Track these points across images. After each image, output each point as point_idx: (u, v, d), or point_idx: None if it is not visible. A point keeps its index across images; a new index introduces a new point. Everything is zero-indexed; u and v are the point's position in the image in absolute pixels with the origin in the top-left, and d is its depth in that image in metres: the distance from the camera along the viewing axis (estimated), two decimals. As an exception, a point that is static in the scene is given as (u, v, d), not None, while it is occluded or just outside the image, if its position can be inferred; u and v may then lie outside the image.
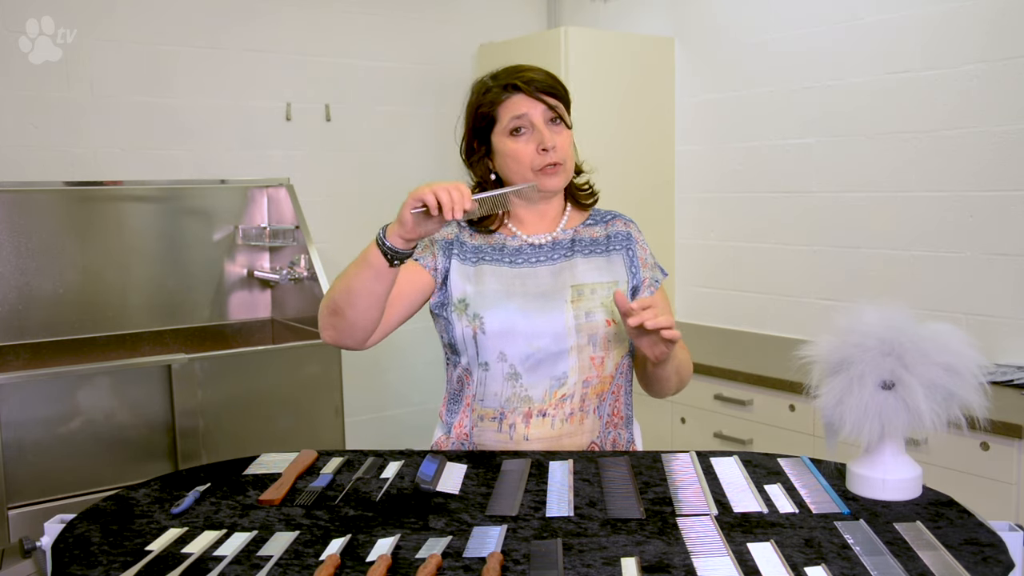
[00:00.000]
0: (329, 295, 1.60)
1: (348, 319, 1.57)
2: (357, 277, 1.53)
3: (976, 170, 2.80)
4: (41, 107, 3.06)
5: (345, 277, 1.56)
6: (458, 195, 1.41)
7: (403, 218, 1.45)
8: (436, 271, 1.68)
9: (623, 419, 1.73)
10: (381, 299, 1.55)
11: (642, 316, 1.46)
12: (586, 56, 3.49)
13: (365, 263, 1.51)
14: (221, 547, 1.20)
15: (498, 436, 1.63)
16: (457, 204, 1.40)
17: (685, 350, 1.70)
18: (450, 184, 1.42)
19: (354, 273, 1.54)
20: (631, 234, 1.76)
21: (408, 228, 1.46)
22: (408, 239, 1.48)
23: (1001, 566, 1.10)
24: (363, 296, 1.54)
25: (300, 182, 3.39)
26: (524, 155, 1.64)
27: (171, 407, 2.56)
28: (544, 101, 1.64)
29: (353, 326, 1.58)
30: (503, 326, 1.61)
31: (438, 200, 1.40)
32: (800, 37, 3.25)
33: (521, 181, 1.66)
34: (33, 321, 2.92)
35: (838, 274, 3.21)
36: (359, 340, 1.61)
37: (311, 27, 3.58)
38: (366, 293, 1.53)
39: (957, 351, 1.32)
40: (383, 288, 1.54)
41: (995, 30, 2.72)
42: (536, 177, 1.65)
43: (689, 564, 1.11)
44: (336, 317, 1.58)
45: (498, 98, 1.66)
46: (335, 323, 1.59)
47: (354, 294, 1.54)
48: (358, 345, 1.63)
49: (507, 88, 1.65)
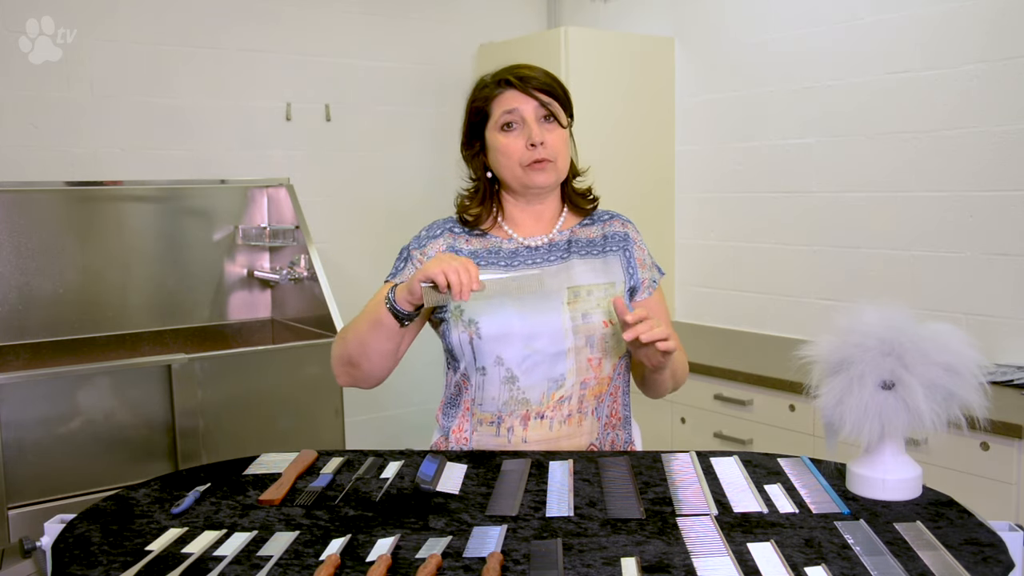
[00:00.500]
0: (342, 347, 1.65)
1: (364, 371, 1.64)
2: (371, 335, 1.59)
3: (976, 170, 2.80)
4: (41, 107, 3.06)
5: (357, 332, 1.61)
6: (467, 277, 1.45)
7: (412, 289, 1.51)
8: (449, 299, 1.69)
9: (621, 420, 1.73)
10: (394, 352, 1.63)
11: (636, 330, 1.47)
12: (586, 56, 3.49)
13: (378, 322, 1.57)
14: (221, 547, 1.20)
15: (496, 440, 1.63)
16: (466, 286, 1.45)
17: (682, 351, 1.70)
18: (460, 265, 1.47)
19: (367, 331, 1.59)
20: (628, 234, 1.75)
21: (416, 298, 1.51)
22: (416, 306, 1.53)
23: (1001, 566, 1.10)
24: (377, 351, 1.60)
25: (300, 182, 3.39)
26: (513, 150, 1.64)
27: (171, 407, 2.56)
28: (536, 97, 1.64)
29: (369, 376, 1.66)
30: (499, 330, 1.61)
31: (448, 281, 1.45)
32: (800, 37, 3.25)
33: (510, 176, 1.67)
34: (33, 321, 2.92)
35: (838, 274, 3.21)
36: (374, 384, 1.69)
37: (311, 27, 3.58)
38: (380, 348, 1.60)
39: (957, 351, 1.32)
40: (395, 344, 1.61)
41: (995, 30, 2.72)
42: (524, 173, 1.65)
43: (689, 564, 1.11)
44: (351, 368, 1.65)
45: (492, 93, 1.67)
46: (351, 372, 1.67)
47: (369, 348, 1.60)
48: (374, 386, 1.71)
49: (500, 84, 1.66)
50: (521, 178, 1.66)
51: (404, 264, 1.72)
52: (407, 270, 1.71)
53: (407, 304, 1.53)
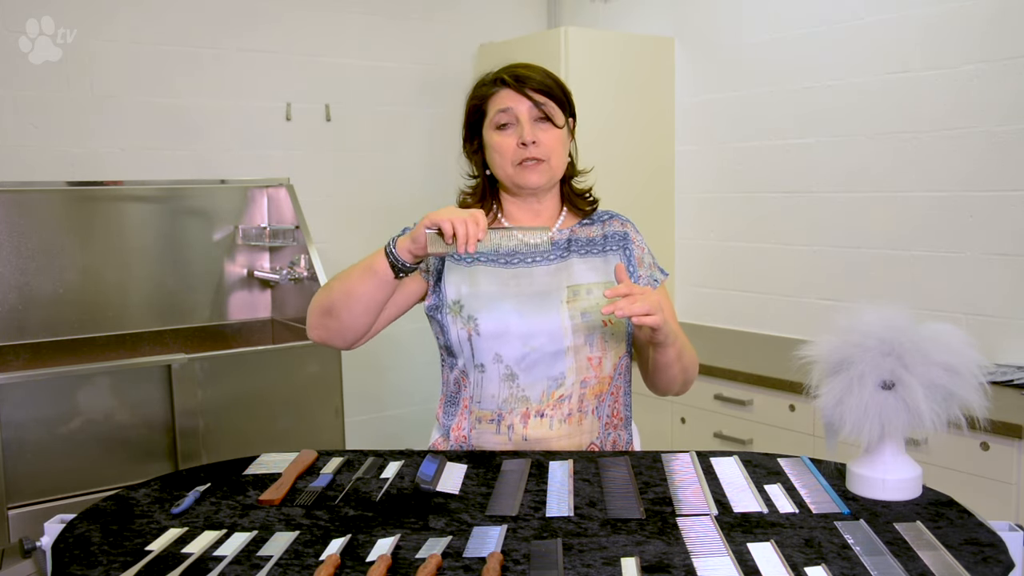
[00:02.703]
0: (324, 295, 1.61)
1: (342, 322, 1.59)
2: (360, 283, 1.55)
3: (976, 170, 2.80)
4: (41, 107, 3.06)
5: (346, 280, 1.57)
6: (474, 228, 1.44)
7: (416, 236, 1.48)
8: (428, 272, 1.69)
9: (623, 420, 1.72)
10: (379, 307, 1.58)
11: (614, 305, 1.43)
12: (586, 56, 3.49)
13: (370, 270, 1.53)
14: (221, 547, 1.20)
15: (497, 438, 1.63)
16: (472, 237, 1.43)
17: (692, 350, 1.69)
18: (467, 216, 1.44)
19: (357, 278, 1.55)
20: (628, 234, 1.75)
21: (420, 246, 1.48)
22: (417, 256, 1.51)
23: (1001, 566, 1.10)
24: (362, 302, 1.56)
25: (300, 182, 3.39)
26: (506, 148, 1.65)
27: (171, 407, 2.56)
28: (531, 98, 1.64)
29: (345, 329, 1.60)
30: (498, 327, 1.60)
31: (454, 229, 1.43)
32: (800, 37, 3.25)
33: (503, 175, 1.68)
34: (33, 321, 2.92)
35: (838, 274, 3.21)
36: (347, 342, 1.64)
37: (311, 27, 3.58)
38: (366, 299, 1.56)
39: (957, 351, 1.32)
40: (383, 296, 1.57)
41: (995, 30, 2.72)
42: (515, 171, 1.65)
43: (689, 564, 1.11)
44: (329, 318, 1.60)
45: (488, 92, 1.68)
46: (327, 324, 1.61)
47: (353, 299, 1.56)
48: (345, 347, 1.66)
49: (496, 83, 1.67)
50: (513, 176, 1.66)
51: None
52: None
53: (407, 255, 1.51)
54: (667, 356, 1.59)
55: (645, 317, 1.44)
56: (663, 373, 1.65)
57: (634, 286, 1.46)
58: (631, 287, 1.46)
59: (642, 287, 1.49)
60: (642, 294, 1.45)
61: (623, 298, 1.44)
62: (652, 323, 1.45)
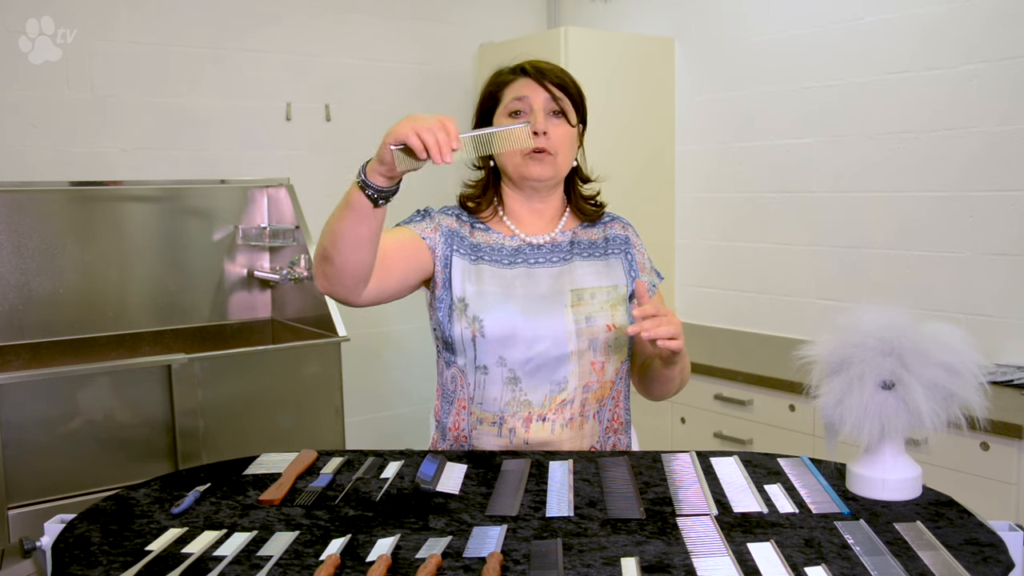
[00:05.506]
0: (319, 242, 1.51)
1: (336, 265, 1.47)
2: (340, 220, 1.43)
3: (976, 170, 2.80)
4: (41, 107, 3.06)
5: (331, 221, 1.47)
6: (444, 137, 1.30)
7: (383, 157, 1.36)
8: (435, 252, 1.65)
9: (623, 424, 1.72)
10: (368, 242, 1.45)
11: (640, 326, 1.43)
12: (586, 56, 3.49)
13: (348, 205, 1.42)
14: (221, 547, 1.19)
15: (498, 440, 1.63)
16: (444, 146, 1.30)
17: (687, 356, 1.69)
18: (435, 123, 1.31)
19: (337, 216, 1.45)
20: (629, 238, 1.75)
21: (388, 166, 1.36)
22: (391, 177, 1.39)
23: (1001, 566, 1.10)
24: (348, 240, 1.44)
25: (300, 182, 3.39)
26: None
27: (171, 407, 2.56)
28: (548, 89, 1.64)
29: (342, 272, 1.48)
30: (503, 330, 1.59)
31: (424, 143, 1.31)
32: (800, 37, 3.25)
33: (510, 164, 1.66)
34: (33, 321, 2.92)
35: (838, 274, 3.21)
36: (350, 289, 1.51)
37: (311, 27, 3.58)
38: (352, 236, 1.43)
39: (957, 351, 1.32)
40: (368, 230, 1.44)
41: (995, 30, 2.72)
42: (523, 161, 1.64)
43: (689, 564, 1.11)
44: (325, 263, 1.48)
45: (506, 79, 1.68)
46: (325, 270, 1.49)
47: (340, 238, 1.44)
48: (351, 295, 1.53)
49: (515, 71, 1.67)
50: (520, 167, 1.65)
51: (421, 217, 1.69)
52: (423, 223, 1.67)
53: (380, 178, 1.38)
54: (673, 371, 1.61)
55: (670, 341, 1.43)
56: (664, 384, 1.67)
57: (660, 307, 1.46)
58: (657, 308, 1.45)
59: (666, 308, 1.48)
60: (667, 316, 1.44)
61: (649, 319, 1.43)
62: (675, 347, 1.45)
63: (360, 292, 1.53)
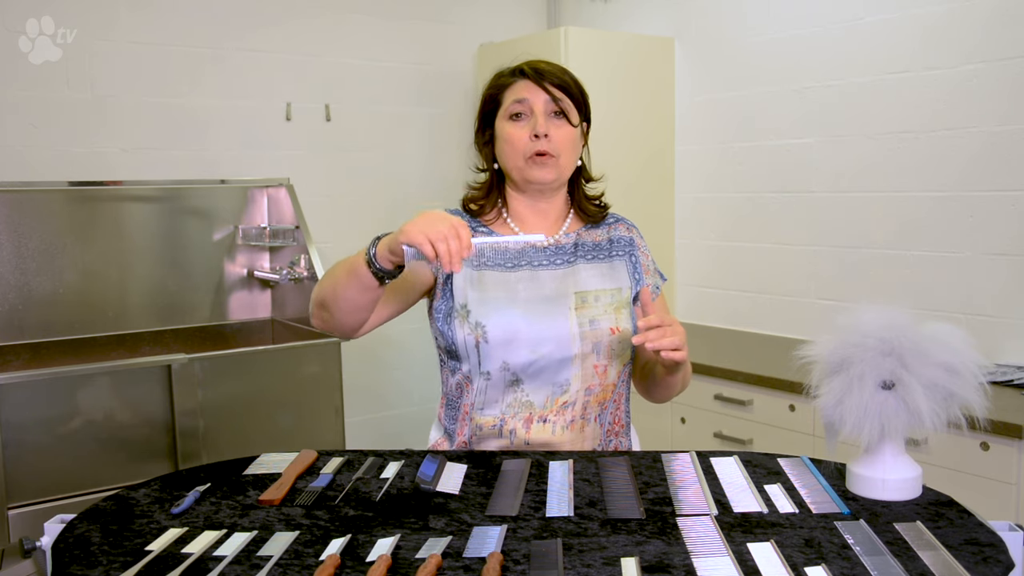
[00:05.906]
0: (319, 287, 1.59)
1: (335, 317, 1.58)
2: (346, 285, 1.51)
3: (975, 170, 2.80)
4: (41, 107, 3.06)
5: (334, 279, 1.54)
6: (456, 246, 1.36)
7: (394, 249, 1.42)
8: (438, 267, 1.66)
9: (624, 427, 1.72)
10: (367, 308, 1.56)
11: (645, 336, 1.44)
12: (586, 56, 3.49)
13: (353, 272, 1.49)
14: (221, 547, 1.19)
15: (499, 441, 1.62)
16: (455, 256, 1.36)
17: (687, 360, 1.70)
18: (449, 231, 1.36)
19: (343, 280, 1.52)
20: (633, 239, 1.75)
21: (398, 258, 1.44)
22: (396, 265, 1.46)
23: (1001, 566, 1.10)
24: (349, 303, 1.53)
25: (300, 182, 3.39)
26: (517, 140, 1.63)
27: (171, 407, 2.56)
28: (548, 91, 1.63)
29: (340, 324, 1.59)
30: (506, 334, 1.58)
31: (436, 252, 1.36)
32: (800, 37, 3.25)
33: (513, 167, 1.66)
34: (33, 321, 2.92)
35: (838, 274, 3.21)
36: (346, 334, 1.63)
37: (311, 27, 3.58)
38: (352, 301, 1.53)
39: (957, 351, 1.32)
40: (369, 300, 1.53)
41: (995, 30, 2.72)
42: (525, 164, 1.64)
43: (689, 564, 1.11)
44: (323, 311, 1.59)
45: (506, 82, 1.67)
46: (322, 316, 1.61)
47: (340, 299, 1.54)
48: (345, 337, 1.65)
49: (515, 73, 1.67)
50: (522, 170, 1.64)
51: None
52: None
53: (387, 262, 1.45)
54: (675, 378, 1.62)
55: (674, 352, 1.45)
56: (665, 389, 1.68)
57: (665, 317, 1.47)
58: (662, 318, 1.46)
59: (671, 318, 1.50)
60: (671, 326, 1.46)
61: (654, 329, 1.44)
62: (679, 359, 1.46)
63: (354, 334, 1.63)
